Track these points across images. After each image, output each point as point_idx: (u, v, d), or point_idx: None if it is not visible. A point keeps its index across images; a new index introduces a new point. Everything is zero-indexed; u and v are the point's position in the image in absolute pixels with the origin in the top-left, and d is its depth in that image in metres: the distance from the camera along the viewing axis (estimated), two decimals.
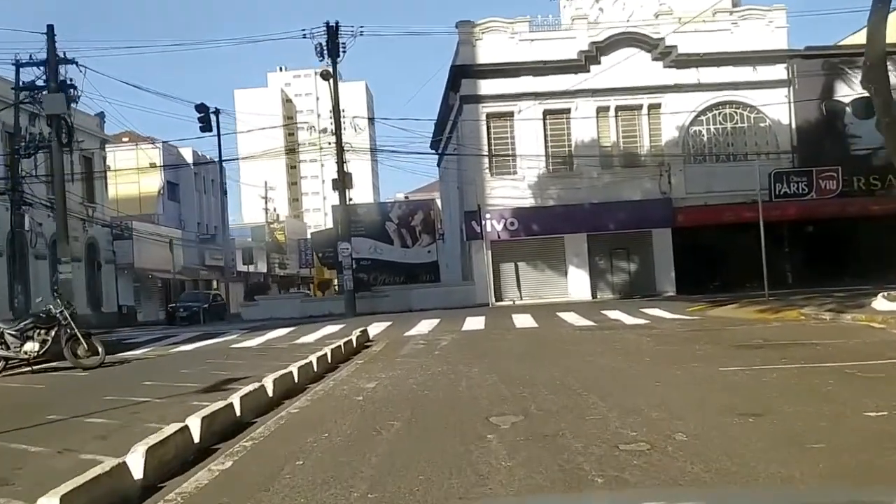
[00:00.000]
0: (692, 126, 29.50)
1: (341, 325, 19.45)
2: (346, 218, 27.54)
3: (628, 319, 16.54)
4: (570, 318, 17.75)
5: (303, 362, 9.55)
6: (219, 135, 26.20)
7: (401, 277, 37.70)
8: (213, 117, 24.40)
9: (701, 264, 29.37)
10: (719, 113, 29.54)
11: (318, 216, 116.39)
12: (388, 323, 19.38)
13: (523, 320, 17.58)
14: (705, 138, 29.67)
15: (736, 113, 29.57)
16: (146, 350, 16.09)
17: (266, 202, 63.18)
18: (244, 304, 29.59)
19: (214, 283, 54.34)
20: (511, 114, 29.13)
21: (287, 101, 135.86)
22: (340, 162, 26.91)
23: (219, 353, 14.17)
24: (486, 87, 28.90)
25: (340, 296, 28.33)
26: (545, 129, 29.20)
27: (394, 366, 10.48)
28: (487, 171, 29.08)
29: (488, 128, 29.22)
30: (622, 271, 29.51)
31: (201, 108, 23.75)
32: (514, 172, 29.20)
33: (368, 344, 13.90)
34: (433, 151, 40.67)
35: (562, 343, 12.32)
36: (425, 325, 17.69)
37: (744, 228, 28.70)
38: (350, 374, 9.97)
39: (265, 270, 62.81)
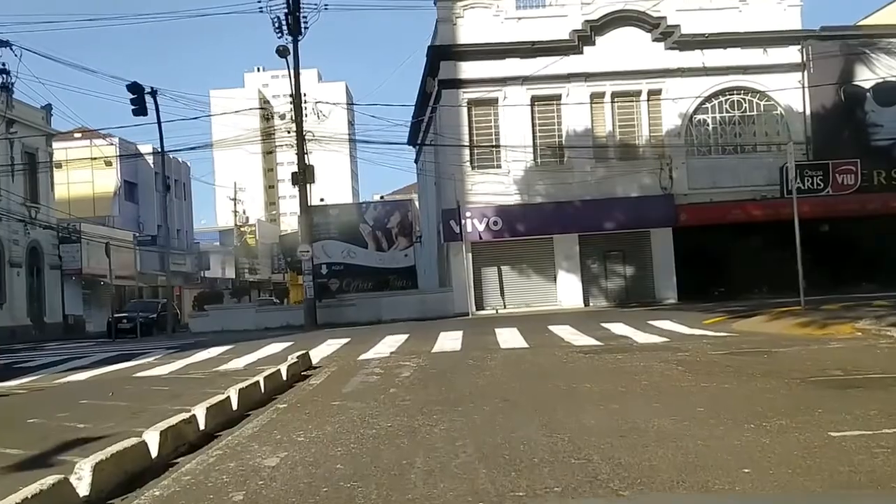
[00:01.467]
0: (696, 114, 26.48)
1: (289, 343, 16.11)
2: (307, 217, 24.19)
3: (639, 336, 13.36)
4: (566, 333, 14.55)
5: (184, 416, 6.27)
6: (159, 121, 22.77)
7: (375, 283, 34.74)
8: (150, 99, 20.86)
9: (704, 268, 26.35)
10: (726, 100, 26.55)
11: (294, 220, 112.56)
12: (346, 340, 16.09)
13: (509, 337, 14.35)
14: (710, 128, 26.65)
15: (744, 100, 26.58)
16: (32, 378, 12.67)
17: (235, 204, 59.63)
18: (192, 315, 26.15)
19: (177, 289, 51.05)
20: (495, 100, 25.96)
21: (265, 103, 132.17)
22: (301, 153, 23.59)
23: (114, 385, 10.80)
24: (468, 70, 25.73)
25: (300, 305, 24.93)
26: (533, 118, 26.07)
27: (325, 417, 7.21)
28: (468, 164, 25.90)
29: (470, 116, 26.04)
30: (618, 276, 26.40)
31: (134, 87, 20.29)
32: (498, 166, 26.03)
33: (307, 374, 10.60)
34: (410, 144, 37.42)
35: (564, 376, 9.10)
36: (389, 344, 14.42)
37: (752, 228, 25.79)
38: (255, 432, 6.68)
39: (233, 276, 59.32)
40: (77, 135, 42.68)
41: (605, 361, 10.25)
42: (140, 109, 20.40)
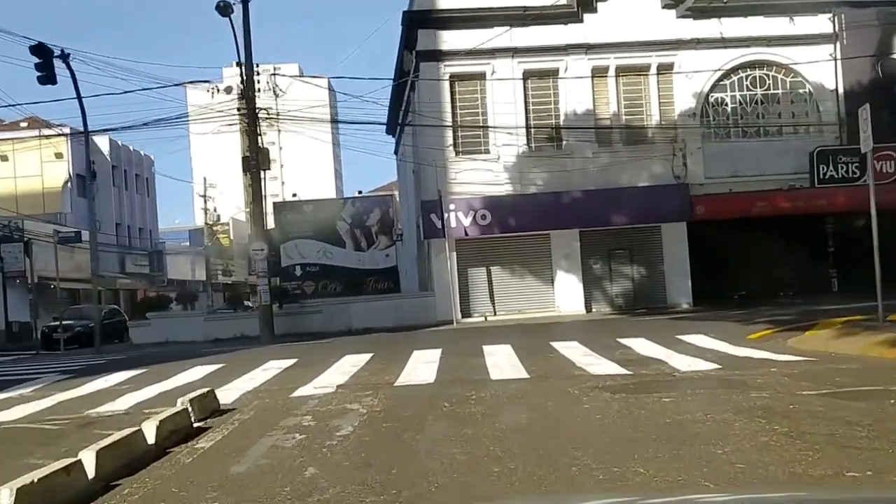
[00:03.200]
0: (713, 92, 23.11)
1: (219, 366, 12.52)
2: (258, 209, 20.55)
3: (676, 359, 9.89)
4: (576, 353, 11.08)
5: None
6: (78, 94, 19.03)
7: (346, 286, 31.63)
8: (62, 66, 17.13)
9: (722, 269, 23.02)
10: (747, 76, 23.19)
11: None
12: (292, 361, 12.56)
13: (501, 359, 10.85)
14: (730, 108, 23.28)
15: (768, 76, 23.24)
16: None
17: (205, 201, 55.85)
18: (134, 325, 22.49)
19: (142, 293, 47.33)
20: (482, 75, 22.50)
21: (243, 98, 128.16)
22: (253, 131, 19.98)
23: None
24: (450, 39, 22.24)
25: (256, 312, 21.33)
26: (526, 96, 22.63)
27: None
28: (452, 148, 22.41)
29: (453, 93, 22.57)
30: (624, 278, 22.98)
31: (40, 49, 16.47)
32: (486, 151, 22.57)
33: (203, 425, 7.08)
34: (388, 132, 33.91)
35: (592, 441, 5.65)
36: (343, 369, 10.91)
37: (778, 223, 22.48)
38: None
39: (204, 278, 55.51)
40: (23, 124, 38.87)
41: (647, 408, 6.79)
42: (47, 77, 16.73)
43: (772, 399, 6.87)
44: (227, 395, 8.85)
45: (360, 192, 45.05)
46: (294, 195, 52.19)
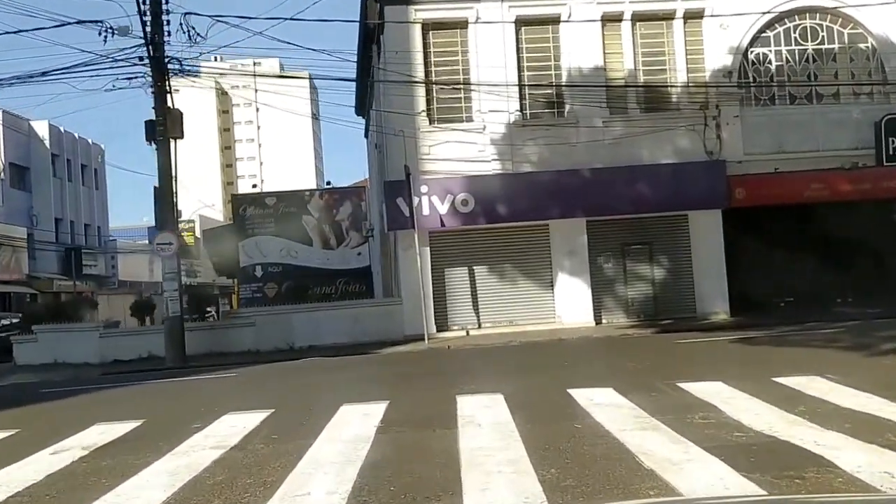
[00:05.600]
0: (753, 47, 18.41)
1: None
2: (168, 187, 15.47)
3: (842, 451, 5.01)
4: (620, 419, 6.25)
5: None
6: None
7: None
8: None
9: (764, 268, 18.34)
10: (796, 26, 18.48)
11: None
12: (133, 426, 7.61)
13: (488, 440, 5.88)
14: (774, 66, 18.55)
15: (821, 26, 18.53)
16: None
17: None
18: (18, 340, 17.48)
19: (90, 295, 42.40)
20: (464, 22, 17.70)
21: (223, 94, 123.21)
22: (161, 86, 14.99)
23: None
24: None
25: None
26: (519, 49, 17.85)
27: None
28: (425, 115, 17.59)
29: (426, 45, 17.75)
30: (642, 280, 18.21)
31: None
32: (469, 118, 17.77)
33: None
34: (357, 113, 29.12)
35: None
36: (187, 462, 6.02)
37: (835, 211, 17.88)
38: None
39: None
40: None
41: None
42: None
43: None
44: None
45: (328, 183, 40.32)
46: (254, 186, 47.23)
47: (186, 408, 8.31)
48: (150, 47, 14.89)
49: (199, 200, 56.11)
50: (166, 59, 15.16)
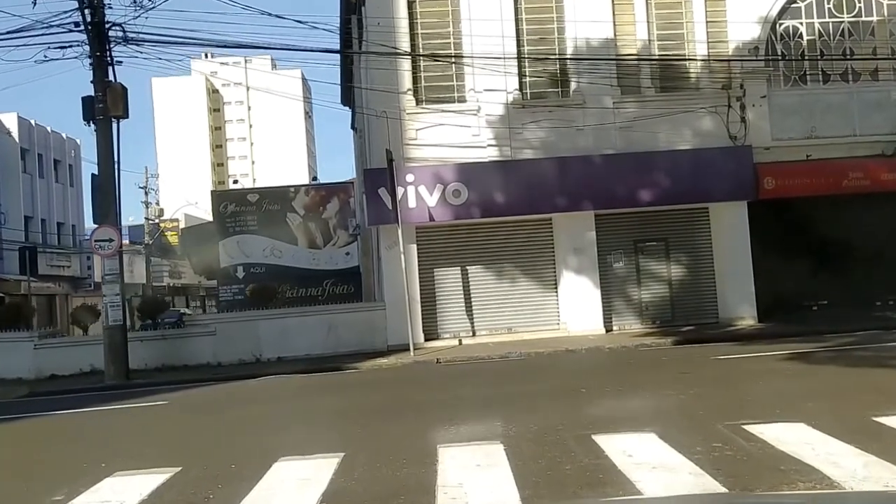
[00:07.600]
0: (782, 18, 16.34)
1: None
2: (107, 175, 13.22)
3: None
4: (672, 488, 4.15)
5: None
6: None
7: (308, 290, 26.91)
8: None
9: (795, 268, 16.23)
10: None
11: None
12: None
13: None
14: (805, 40, 16.47)
15: None
16: None
17: (146, 194, 48.62)
18: None
19: (59, 299, 40.23)
20: None
21: (214, 92, 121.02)
22: (101, 56, 12.83)
23: None
24: None
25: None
26: (518, 19, 15.75)
27: None
28: (411, 95, 15.47)
29: (412, 14, 15.64)
30: (658, 281, 16.11)
31: None
32: (461, 98, 15.67)
33: None
34: (343, 104, 27.04)
35: None
36: None
37: (873, 203, 15.85)
38: None
39: (144, 281, 48.35)
40: None
41: None
42: None
43: None
44: None
45: (314, 179, 38.16)
46: (235, 181, 45.12)
47: (66, 460, 6.17)
48: (88, 11, 12.72)
49: (185, 199, 53.85)
50: (107, 25, 12.99)
